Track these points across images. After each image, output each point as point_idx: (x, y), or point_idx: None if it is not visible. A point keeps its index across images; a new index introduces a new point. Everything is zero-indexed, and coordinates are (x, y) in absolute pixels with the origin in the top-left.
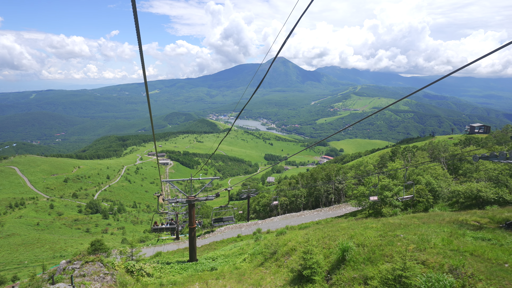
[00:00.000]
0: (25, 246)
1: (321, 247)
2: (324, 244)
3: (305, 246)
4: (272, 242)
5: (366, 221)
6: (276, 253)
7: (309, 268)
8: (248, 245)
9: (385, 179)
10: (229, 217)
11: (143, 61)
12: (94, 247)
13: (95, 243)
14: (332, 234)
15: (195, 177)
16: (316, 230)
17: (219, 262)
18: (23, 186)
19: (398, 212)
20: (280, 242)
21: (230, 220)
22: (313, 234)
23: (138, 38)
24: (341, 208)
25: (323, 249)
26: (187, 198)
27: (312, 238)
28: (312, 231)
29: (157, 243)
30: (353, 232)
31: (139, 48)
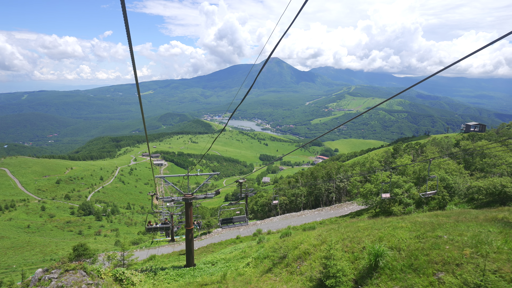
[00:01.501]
0: (14, 249)
1: (342, 250)
2: (345, 247)
3: (326, 250)
4: (281, 244)
5: (387, 219)
6: (286, 257)
7: (332, 277)
8: (251, 247)
9: (394, 176)
10: (241, 217)
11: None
12: (77, 252)
13: (78, 247)
14: (353, 235)
15: (193, 177)
16: (331, 231)
17: (219, 267)
18: (14, 188)
19: (412, 210)
20: (290, 245)
21: (243, 220)
22: (328, 236)
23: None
24: (343, 207)
25: (344, 253)
26: (184, 196)
27: (329, 240)
28: (325, 232)
29: (151, 245)
30: (380, 233)
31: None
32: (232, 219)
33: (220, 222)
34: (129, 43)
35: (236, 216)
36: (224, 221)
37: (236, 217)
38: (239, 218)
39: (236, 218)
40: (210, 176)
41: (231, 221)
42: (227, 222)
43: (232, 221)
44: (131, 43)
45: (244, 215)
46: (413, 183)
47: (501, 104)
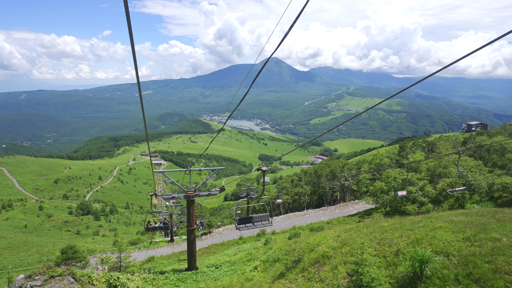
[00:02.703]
0: (11, 249)
1: (369, 254)
2: (374, 251)
3: (350, 253)
4: (294, 246)
5: (415, 218)
6: (301, 261)
7: (366, 287)
8: (257, 249)
9: (405, 173)
10: (263, 215)
11: (135, 61)
12: (66, 255)
13: (67, 250)
14: (380, 236)
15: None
16: (351, 232)
17: (224, 271)
18: (11, 188)
19: (431, 208)
20: (304, 247)
21: (265, 220)
22: (349, 237)
23: (131, 38)
24: (348, 206)
25: (373, 257)
26: (186, 193)
27: (352, 241)
28: (344, 232)
29: (150, 245)
30: (415, 234)
31: (132, 48)
32: (251, 219)
33: (237, 222)
34: (131, 43)
35: (257, 215)
36: (242, 221)
37: (256, 216)
38: (261, 218)
39: (256, 217)
40: (215, 171)
41: (250, 221)
42: (245, 223)
43: (252, 221)
44: (133, 43)
45: (267, 213)
46: (427, 181)
47: (499, 105)
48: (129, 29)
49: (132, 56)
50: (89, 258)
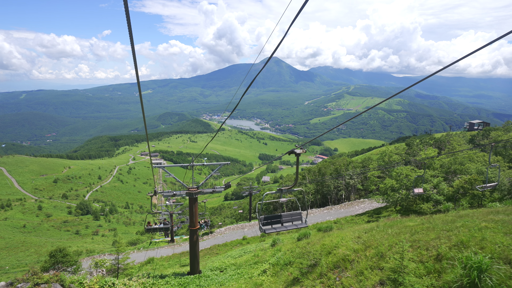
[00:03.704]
0: (8, 249)
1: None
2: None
3: (394, 259)
4: (309, 248)
5: (447, 217)
6: (318, 265)
7: None
8: (264, 251)
9: (416, 170)
10: (294, 213)
11: (135, 60)
12: (55, 259)
13: (55, 253)
14: (412, 238)
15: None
16: (372, 232)
17: (230, 275)
18: (10, 187)
19: (451, 207)
20: (319, 249)
21: (297, 219)
22: (371, 238)
23: (131, 38)
24: (353, 205)
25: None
26: (188, 190)
27: (376, 243)
28: (364, 233)
29: (150, 246)
30: (458, 235)
31: (132, 48)
32: (280, 217)
33: (261, 222)
34: (131, 43)
35: (287, 212)
36: (268, 221)
37: (286, 214)
38: (292, 216)
39: (286, 215)
40: (220, 166)
41: (278, 220)
42: (272, 223)
43: (281, 221)
44: (133, 42)
45: (299, 210)
46: (442, 178)
47: (499, 104)
48: (129, 29)
49: (132, 56)
50: (82, 261)
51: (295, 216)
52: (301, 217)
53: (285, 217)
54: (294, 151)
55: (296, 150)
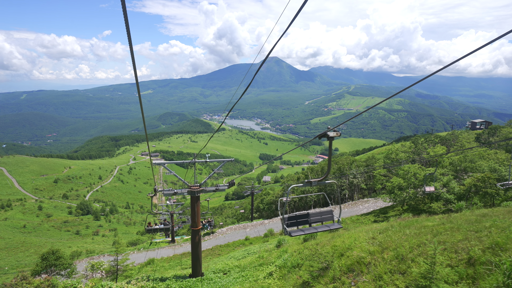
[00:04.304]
0: (8, 250)
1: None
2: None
3: (424, 263)
4: (321, 250)
5: (468, 217)
6: (330, 268)
7: None
8: (269, 252)
9: (424, 168)
10: (324, 211)
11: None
12: (47, 262)
13: (48, 256)
14: (435, 240)
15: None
16: (388, 232)
17: (234, 278)
18: (11, 187)
19: (464, 206)
20: (331, 250)
21: (327, 217)
22: (387, 239)
23: (129, 38)
24: (357, 205)
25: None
26: (190, 188)
27: (399, 245)
28: (378, 233)
29: (150, 246)
30: (494, 237)
31: (130, 48)
32: (307, 216)
33: (285, 223)
34: (129, 43)
35: (316, 210)
36: (293, 221)
37: (315, 213)
38: (321, 215)
39: (315, 214)
40: (223, 162)
41: (305, 220)
42: (298, 223)
43: (309, 220)
44: (131, 42)
45: (329, 207)
46: (452, 176)
47: (500, 104)
48: (127, 29)
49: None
50: (81, 262)
51: (325, 214)
52: (332, 216)
53: (313, 216)
54: (326, 134)
55: (329, 132)
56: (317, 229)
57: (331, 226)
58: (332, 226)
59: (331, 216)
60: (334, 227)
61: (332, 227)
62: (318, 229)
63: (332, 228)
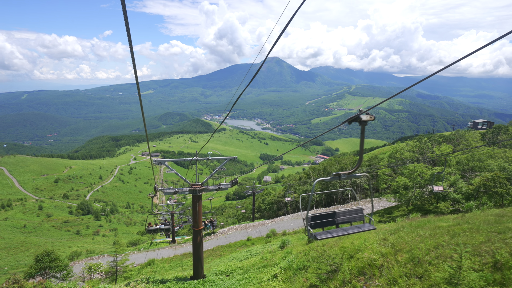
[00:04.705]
0: (8, 250)
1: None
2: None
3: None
4: (329, 252)
5: (488, 217)
6: (339, 271)
7: None
8: (272, 253)
9: (430, 168)
10: (352, 210)
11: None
12: (41, 264)
13: (42, 257)
14: (454, 241)
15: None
16: (400, 233)
17: (236, 280)
18: (11, 187)
19: (474, 206)
20: (339, 252)
21: (357, 217)
22: (400, 240)
23: (129, 38)
24: (360, 205)
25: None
26: (191, 187)
27: (414, 246)
28: (389, 234)
29: (150, 247)
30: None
31: (130, 48)
32: (333, 216)
33: (309, 224)
34: (129, 43)
35: (343, 209)
36: (318, 221)
37: (342, 212)
38: (350, 214)
39: (343, 214)
40: (227, 160)
41: (332, 221)
42: (323, 224)
43: (336, 221)
44: (131, 43)
45: (359, 206)
46: (459, 175)
47: (501, 104)
48: (127, 30)
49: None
50: (81, 262)
51: (354, 213)
52: (363, 216)
53: (341, 216)
54: (359, 117)
55: (361, 115)
56: (347, 231)
57: (363, 228)
58: (364, 228)
59: (361, 215)
60: (366, 229)
61: (364, 229)
62: (348, 231)
63: (364, 229)
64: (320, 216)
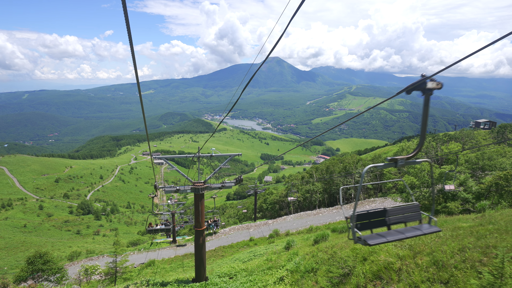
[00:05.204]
0: (8, 250)
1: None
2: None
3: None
4: (341, 254)
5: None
6: (352, 274)
7: None
8: (277, 254)
9: (436, 166)
10: (407, 206)
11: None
12: (33, 266)
13: (34, 259)
14: (480, 244)
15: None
16: None
17: (240, 283)
18: (12, 187)
19: (486, 206)
20: (351, 254)
21: (413, 216)
22: (419, 242)
23: (129, 38)
24: (364, 205)
25: None
26: (193, 185)
27: (435, 249)
28: None
29: (151, 247)
30: None
31: (131, 48)
32: (384, 214)
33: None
34: (130, 43)
35: (396, 206)
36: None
37: (395, 210)
38: (404, 212)
39: (394, 211)
40: (231, 157)
41: (382, 221)
42: (371, 224)
43: (387, 221)
44: (132, 42)
45: (415, 203)
46: (469, 174)
47: (502, 104)
48: (128, 30)
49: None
50: (74, 265)
51: (409, 211)
52: (420, 214)
53: (393, 214)
54: (424, 83)
55: (427, 82)
56: (405, 234)
57: (425, 230)
58: (426, 230)
59: (418, 214)
60: (429, 231)
61: (426, 231)
62: (407, 234)
63: (426, 232)
64: (368, 214)
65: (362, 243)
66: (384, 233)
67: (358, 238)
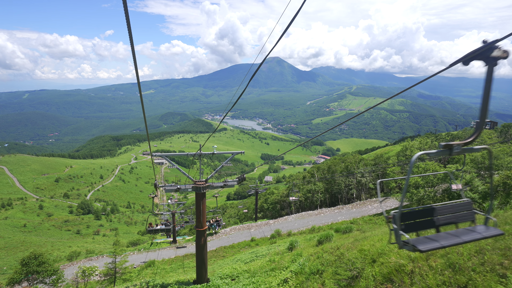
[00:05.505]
0: (7, 249)
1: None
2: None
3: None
4: (348, 255)
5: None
6: (361, 277)
7: None
8: (280, 255)
9: (441, 166)
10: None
11: (135, 60)
12: (28, 268)
13: (29, 260)
14: (500, 245)
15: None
16: None
17: (243, 285)
18: (12, 186)
19: (496, 206)
20: (359, 255)
21: (465, 215)
22: None
23: (130, 37)
24: (366, 205)
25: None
26: (194, 184)
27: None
28: None
29: (151, 247)
30: None
31: (131, 48)
32: (431, 213)
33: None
34: (131, 43)
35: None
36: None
37: (443, 208)
38: (455, 211)
39: (444, 210)
40: (234, 154)
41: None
42: (416, 226)
43: (435, 221)
44: (132, 42)
45: (467, 199)
46: (475, 174)
47: (503, 104)
48: (129, 29)
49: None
50: (72, 265)
51: (460, 210)
52: (473, 214)
53: (442, 213)
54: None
55: (499, 49)
56: (462, 238)
57: (484, 232)
58: (486, 232)
59: (472, 213)
60: (489, 234)
61: (486, 234)
62: (464, 238)
63: (487, 235)
64: (413, 213)
65: (409, 248)
66: (434, 236)
67: (404, 242)
